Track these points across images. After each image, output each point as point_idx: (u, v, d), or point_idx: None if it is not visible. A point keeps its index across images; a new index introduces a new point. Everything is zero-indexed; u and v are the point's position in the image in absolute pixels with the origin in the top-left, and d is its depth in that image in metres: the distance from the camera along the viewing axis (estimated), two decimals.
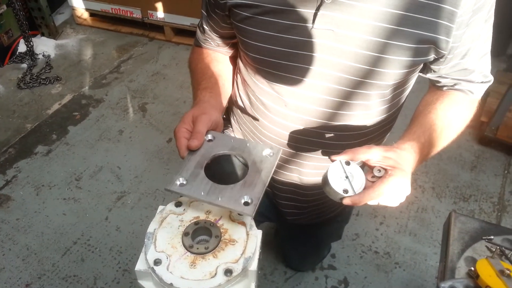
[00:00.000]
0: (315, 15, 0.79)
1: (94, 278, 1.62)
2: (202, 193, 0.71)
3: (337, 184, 0.74)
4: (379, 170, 0.75)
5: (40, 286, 1.59)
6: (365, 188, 0.74)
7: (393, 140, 1.09)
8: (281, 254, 1.68)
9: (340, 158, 0.75)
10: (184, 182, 0.72)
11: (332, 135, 0.97)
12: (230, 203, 0.70)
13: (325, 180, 0.75)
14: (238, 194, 0.71)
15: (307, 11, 0.79)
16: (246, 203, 0.70)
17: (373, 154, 0.76)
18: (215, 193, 0.71)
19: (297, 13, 0.80)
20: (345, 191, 0.73)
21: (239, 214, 0.73)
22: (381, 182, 0.73)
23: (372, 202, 0.75)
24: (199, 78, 0.99)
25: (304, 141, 0.99)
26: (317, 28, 0.80)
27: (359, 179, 0.74)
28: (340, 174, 0.74)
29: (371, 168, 0.77)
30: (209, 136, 0.81)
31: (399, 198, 0.77)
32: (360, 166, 0.77)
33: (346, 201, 0.74)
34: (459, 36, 0.79)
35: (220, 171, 1.17)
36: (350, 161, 0.75)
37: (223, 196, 0.71)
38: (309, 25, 0.80)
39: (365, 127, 0.98)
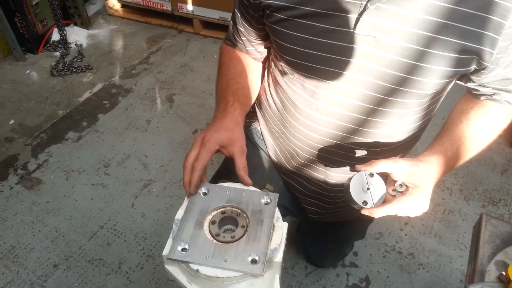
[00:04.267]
0: (357, 20, 0.76)
1: (119, 262, 1.66)
2: (207, 257, 0.68)
3: (358, 195, 0.76)
4: (401, 186, 0.78)
5: (67, 267, 1.65)
6: (384, 202, 0.77)
7: (419, 146, 1.07)
8: (302, 249, 1.68)
9: (365, 169, 0.77)
10: (186, 247, 0.70)
11: (363, 141, 0.95)
12: (237, 264, 0.67)
13: (346, 189, 0.77)
14: (244, 253, 0.68)
15: (349, 16, 0.77)
16: (253, 261, 0.67)
17: (398, 168, 0.77)
18: (220, 254, 0.68)
19: (338, 18, 0.78)
20: (365, 203, 0.76)
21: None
22: (400, 199, 0.76)
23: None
24: (234, 84, 0.96)
25: (333, 145, 0.98)
26: (358, 34, 0.78)
27: (380, 191, 0.77)
28: (362, 185, 0.77)
29: (393, 181, 0.79)
30: (203, 189, 0.79)
31: (419, 211, 0.79)
32: (382, 176, 0.78)
33: (364, 212, 0.76)
34: (505, 47, 0.76)
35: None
36: (374, 173, 0.77)
37: (229, 257, 0.68)
38: (350, 30, 0.78)
39: (397, 135, 0.96)
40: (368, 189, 0.77)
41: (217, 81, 1.01)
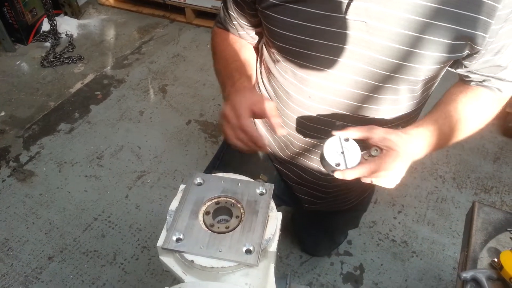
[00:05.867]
0: (348, 5, 0.76)
1: (113, 253, 1.66)
2: (201, 247, 0.68)
3: (331, 157, 0.77)
4: (376, 150, 0.78)
5: (62, 259, 1.64)
6: (358, 165, 0.77)
7: None
8: (297, 238, 1.69)
9: (340, 133, 0.78)
10: (181, 237, 0.69)
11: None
12: (232, 254, 0.67)
13: (321, 152, 0.78)
14: (239, 243, 0.68)
15: (340, 1, 0.76)
16: (248, 251, 0.67)
17: (374, 133, 0.77)
18: (215, 244, 0.68)
19: (329, 3, 0.77)
20: (337, 165, 0.77)
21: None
22: (373, 161, 0.76)
23: (365, 180, 0.78)
24: (233, 62, 0.96)
25: (327, 133, 0.97)
26: (349, 19, 0.77)
27: (354, 155, 0.77)
28: (336, 148, 0.78)
29: (370, 147, 0.79)
30: (198, 180, 0.78)
31: (393, 180, 0.79)
32: (360, 144, 0.79)
33: (337, 174, 0.77)
34: (496, 31, 0.75)
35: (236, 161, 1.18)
36: (350, 138, 0.78)
37: (223, 247, 0.68)
38: (341, 15, 0.77)
39: (391, 121, 0.96)
40: (342, 152, 0.77)
41: (215, 64, 1.01)
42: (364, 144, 0.79)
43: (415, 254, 1.68)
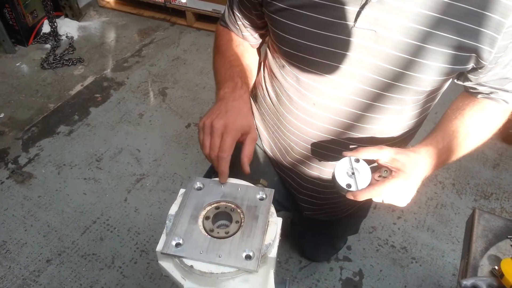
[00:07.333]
0: (358, 13, 0.75)
1: (112, 257, 1.65)
2: (201, 252, 0.67)
3: (342, 179, 0.79)
4: (386, 171, 0.80)
5: (60, 262, 1.63)
6: (368, 186, 0.78)
7: (414, 144, 1.08)
8: (296, 243, 1.68)
9: (351, 155, 0.79)
10: (180, 241, 0.69)
11: (358, 137, 0.95)
12: (231, 260, 0.66)
13: (333, 174, 0.80)
14: (238, 249, 0.68)
15: (349, 9, 0.76)
16: (248, 257, 0.67)
17: (383, 154, 0.78)
18: (214, 249, 0.68)
19: (338, 10, 0.77)
20: (348, 186, 0.78)
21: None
22: (382, 182, 0.77)
23: (376, 199, 0.79)
24: (237, 65, 0.95)
25: (329, 141, 0.97)
26: (358, 27, 0.77)
27: (365, 176, 0.79)
28: (347, 170, 0.79)
29: (380, 167, 0.80)
30: (198, 184, 0.78)
31: (404, 200, 0.79)
32: (372, 164, 0.79)
33: (348, 195, 0.78)
34: (505, 46, 0.75)
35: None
36: (360, 159, 0.79)
37: (223, 252, 0.67)
38: (350, 23, 0.77)
39: (393, 131, 0.95)
40: (353, 173, 0.79)
41: (217, 60, 1.00)
42: (373, 163, 0.80)
43: (415, 260, 1.68)
